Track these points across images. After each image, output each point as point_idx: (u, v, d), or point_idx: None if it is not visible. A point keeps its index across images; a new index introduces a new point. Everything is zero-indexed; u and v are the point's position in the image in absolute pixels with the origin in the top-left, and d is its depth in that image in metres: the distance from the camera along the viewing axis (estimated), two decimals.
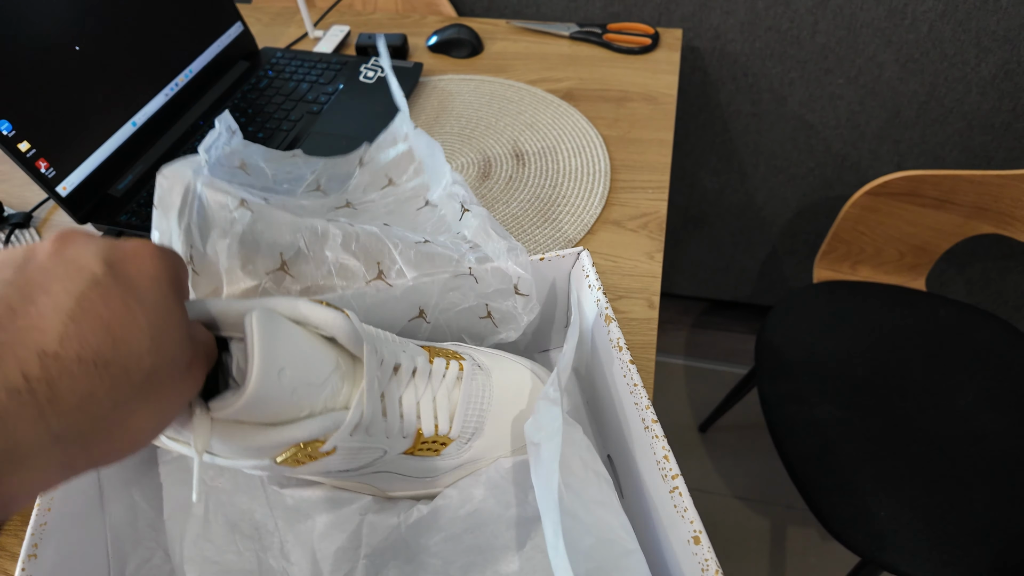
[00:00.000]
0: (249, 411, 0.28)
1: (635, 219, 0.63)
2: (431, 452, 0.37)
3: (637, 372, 0.37)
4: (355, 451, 0.33)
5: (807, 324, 0.90)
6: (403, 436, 0.36)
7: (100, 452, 0.21)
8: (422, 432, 0.37)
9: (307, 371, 0.30)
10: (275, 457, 0.30)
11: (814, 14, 0.90)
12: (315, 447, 0.31)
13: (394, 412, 0.35)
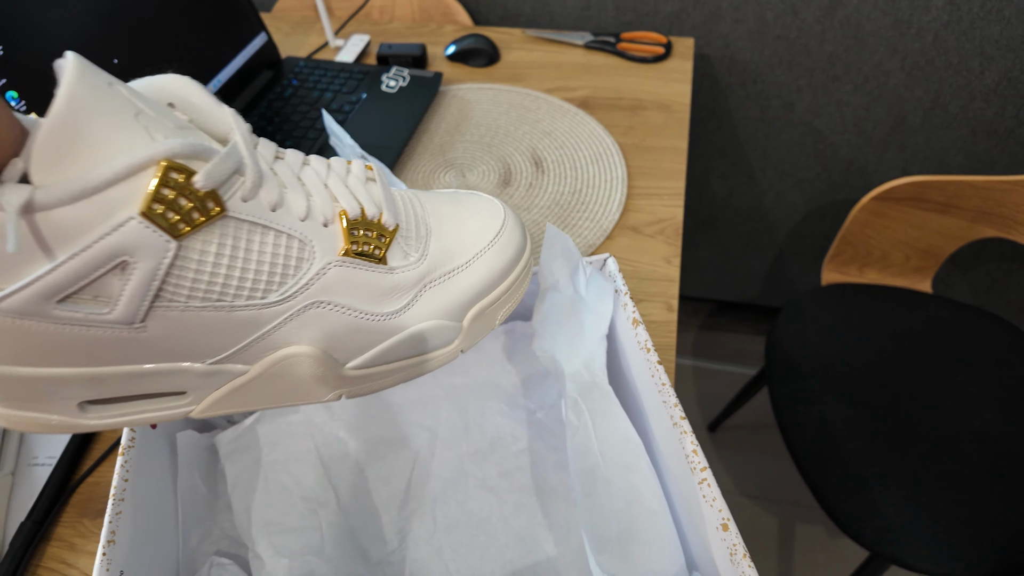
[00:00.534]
0: (68, 132, 0.20)
1: (652, 225, 0.66)
2: (376, 256, 0.29)
3: (665, 372, 0.39)
4: (259, 232, 0.25)
5: (816, 325, 0.93)
6: (322, 221, 0.27)
7: None
8: (347, 213, 0.28)
9: (153, 105, 0.24)
10: (137, 209, 0.21)
11: (822, 24, 0.92)
12: (188, 181, 0.22)
13: (294, 185, 0.27)
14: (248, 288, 0.25)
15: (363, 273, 0.29)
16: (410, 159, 0.75)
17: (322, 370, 0.29)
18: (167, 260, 0.23)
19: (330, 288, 0.28)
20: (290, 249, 0.26)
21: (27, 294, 0.21)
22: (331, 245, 0.28)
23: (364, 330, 0.29)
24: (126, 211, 0.21)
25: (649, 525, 0.40)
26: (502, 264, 0.33)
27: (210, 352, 0.26)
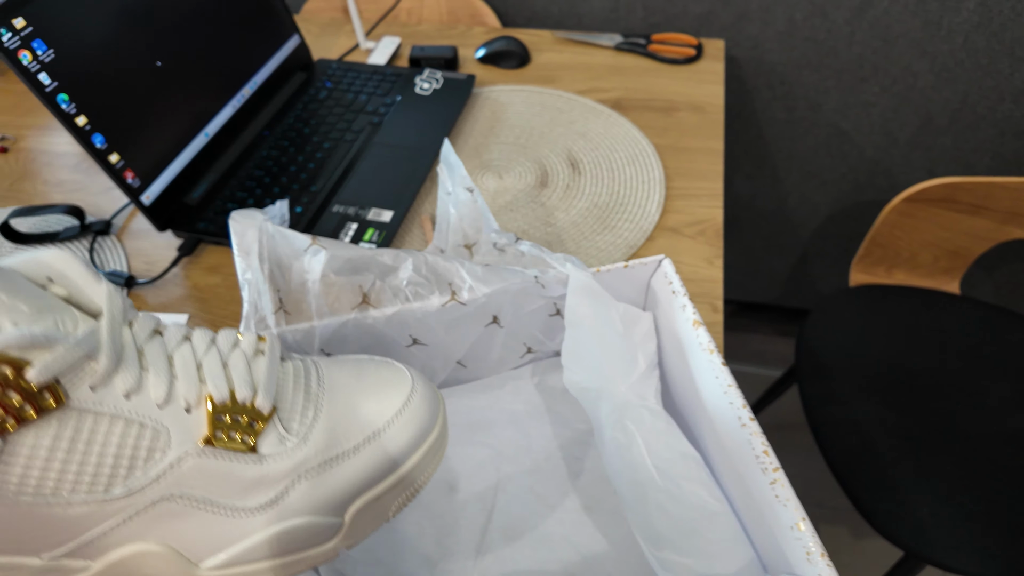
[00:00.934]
0: None
1: (692, 226, 0.66)
2: (242, 444, 0.26)
3: (730, 373, 0.40)
4: (105, 422, 0.23)
5: (846, 326, 0.93)
6: (184, 406, 0.25)
7: None
8: (212, 397, 0.26)
9: (14, 288, 0.23)
10: None
11: (851, 25, 0.92)
12: (21, 374, 0.21)
13: (160, 367, 0.26)
14: (87, 482, 0.23)
15: (225, 464, 0.26)
16: None
17: (172, 570, 0.26)
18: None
19: (185, 481, 0.25)
20: (141, 439, 0.24)
21: None
22: (191, 433, 0.25)
23: (222, 527, 0.26)
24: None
25: (712, 526, 0.40)
26: (398, 448, 0.29)
27: (46, 546, 0.24)
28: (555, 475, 0.48)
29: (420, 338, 0.47)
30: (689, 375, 0.44)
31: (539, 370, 0.53)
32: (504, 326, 0.48)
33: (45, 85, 0.56)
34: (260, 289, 0.43)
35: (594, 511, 0.46)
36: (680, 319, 0.44)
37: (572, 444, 0.49)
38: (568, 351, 0.43)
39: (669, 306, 0.45)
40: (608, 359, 0.44)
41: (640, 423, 0.43)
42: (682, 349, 0.44)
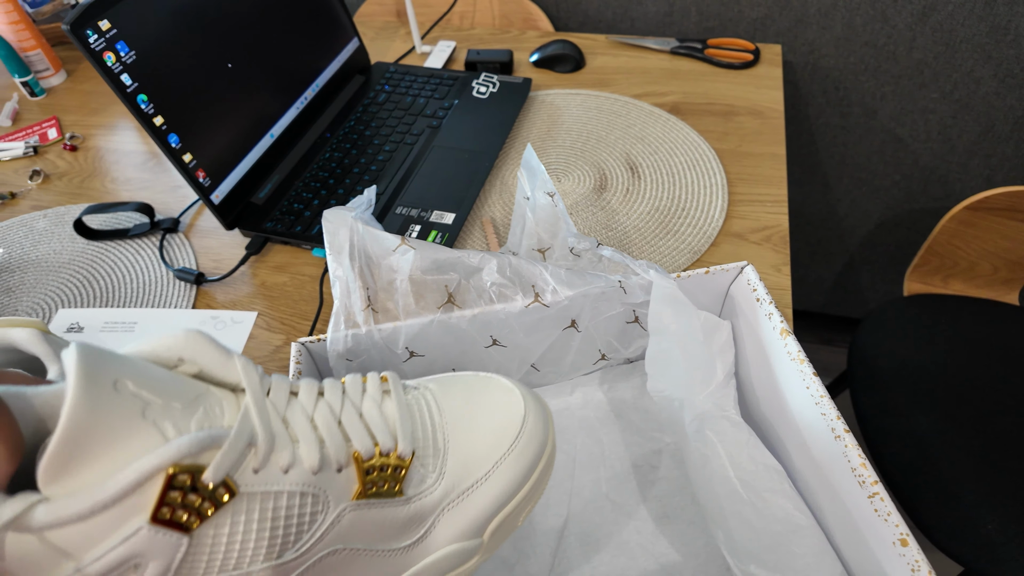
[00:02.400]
0: (76, 445, 0.21)
1: (757, 232, 0.65)
2: (391, 491, 0.28)
3: (821, 384, 0.39)
4: (271, 499, 0.25)
5: (901, 336, 0.91)
6: (336, 467, 0.27)
7: None
8: (360, 456, 0.28)
9: (161, 386, 0.24)
10: (146, 517, 0.22)
11: (912, 30, 0.91)
12: (197, 478, 0.23)
13: (307, 435, 0.27)
14: (263, 553, 0.25)
15: (378, 511, 0.28)
16: (504, 164, 0.76)
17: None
18: (179, 555, 0.23)
19: (345, 534, 0.27)
20: (303, 507, 0.26)
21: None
22: (345, 490, 0.27)
23: (382, 568, 0.29)
24: (135, 521, 0.22)
25: (798, 540, 0.40)
26: (522, 469, 0.31)
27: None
28: (630, 483, 0.48)
29: (500, 339, 0.47)
30: (774, 385, 0.44)
31: (608, 377, 0.53)
32: (581, 330, 0.48)
33: (127, 86, 0.58)
34: (350, 287, 0.44)
35: (672, 520, 0.46)
36: (765, 327, 0.43)
37: (646, 453, 0.49)
38: (652, 358, 0.43)
39: (752, 314, 0.45)
40: (689, 368, 0.44)
41: (721, 434, 0.43)
42: (766, 358, 0.44)
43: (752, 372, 0.47)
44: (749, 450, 0.43)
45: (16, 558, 0.21)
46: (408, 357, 0.47)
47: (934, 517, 0.76)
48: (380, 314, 0.45)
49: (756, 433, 0.46)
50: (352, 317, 0.43)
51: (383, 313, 0.45)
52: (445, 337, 0.46)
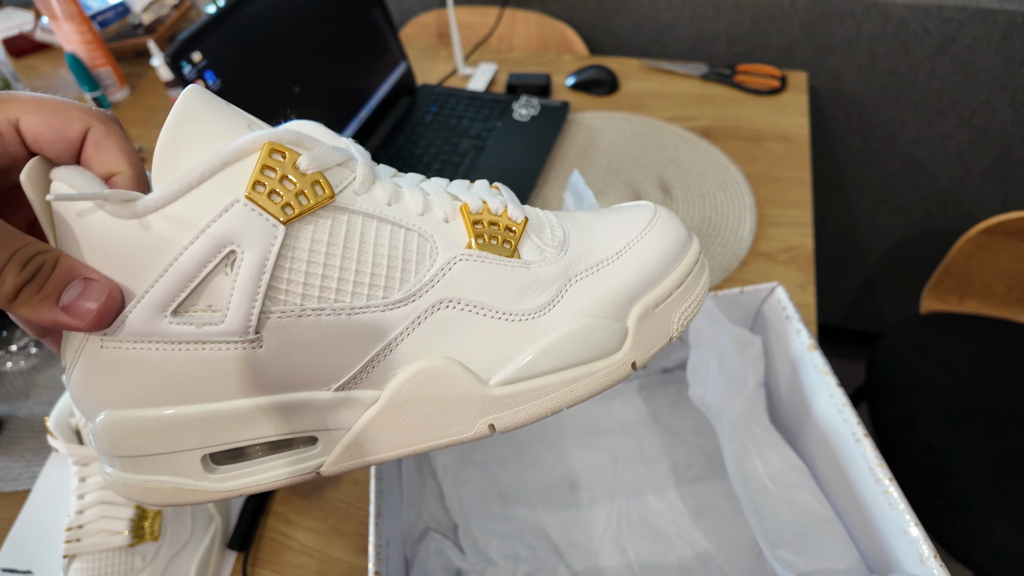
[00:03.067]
0: (186, 139, 0.21)
1: (784, 252, 0.70)
2: (503, 250, 0.26)
3: (844, 393, 0.44)
4: (374, 225, 0.24)
5: (918, 352, 0.96)
6: (443, 217, 0.25)
7: None
8: (468, 208, 0.26)
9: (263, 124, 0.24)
10: (242, 192, 0.21)
11: (932, 61, 0.95)
12: (293, 163, 0.22)
13: (411, 185, 0.26)
14: (367, 284, 0.23)
15: (494, 267, 0.25)
16: (544, 184, 0.81)
17: (462, 387, 0.25)
18: (275, 247, 0.22)
19: (459, 283, 0.25)
20: (409, 243, 0.24)
21: (141, 309, 0.22)
22: (454, 240, 0.25)
23: (504, 333, 0.25)
24: (231, 196, 0.21)
25: (822, 529, 0.45)
26: (661, 253, 0.27)
27: (334, 372, 0.24)
28: (668, 480, 0.53)
29: None
30: (800, 394, 0.49)
31: (647, 384, 0.59)
32: None
33: None
34: None
35: (706, 514, 0.51)
36: (795, 343, 0.48)
37: (682, 454, 0.54)
38: (692, 368, 0.48)
39: (782, 330, 0.50)
40: (724, 377, 0.49)
41: (754, 437, 0.48)
42: (794, 370, 0.49)
43: (780, 382, 0.52)
44: (777, 451, 0.48)
45: (116, 252, 0.21)
46: None
47: (947, 524, 0.80)
48: None
49: (783, 436, 0.51)
50: None
51: None
52: None
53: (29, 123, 0.21)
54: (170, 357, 0.22)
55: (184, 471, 0.24)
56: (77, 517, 0.47)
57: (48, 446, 0.60)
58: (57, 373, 0.67)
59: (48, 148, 0.22)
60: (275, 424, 0.24)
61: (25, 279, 0.20)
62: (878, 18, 0.94)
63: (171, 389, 0.23)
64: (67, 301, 0.20)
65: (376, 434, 0.25)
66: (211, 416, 0.23)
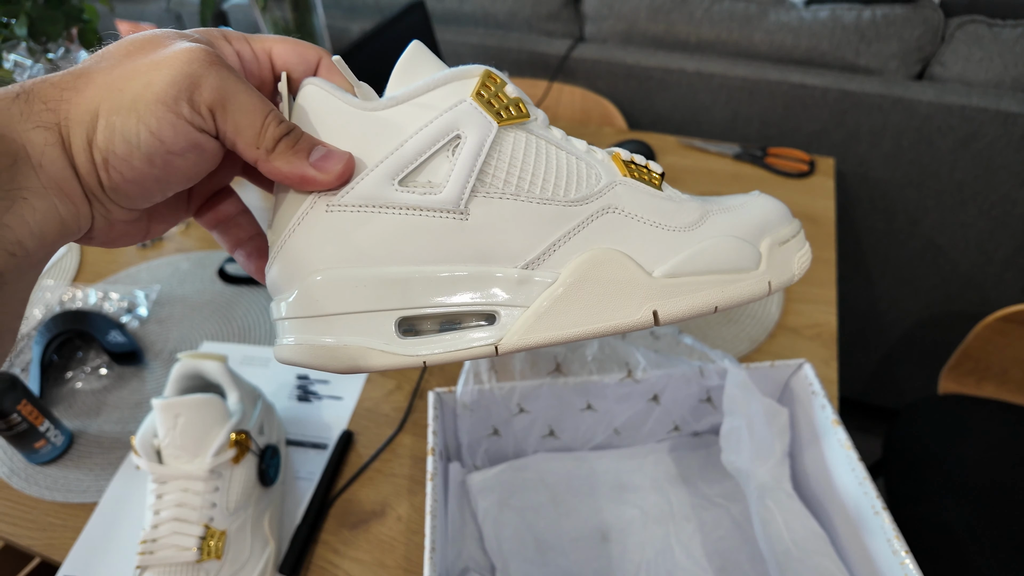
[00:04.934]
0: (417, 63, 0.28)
1: (810, 328, 0.75)
2: (652, 184, 0.31)
3: (865, 468, 0.48)
4: (555, 150, 0.29)
5: (934, 432, 0.98)
6: (600, 158, 0.31)
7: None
8: (620, 155, 0.31)
9: None
10: (470, 93, 0.27)
11: (955, 154, 1.01)
12: (502, 88, 0.29)
13: (568, 140, 0.31)
14: (552, 184, 0.28)
15: (647, 194, 0.30)
16: None
17: (629, 273, 0.29)
18: (490, 139, 0.27)
19: (620, 199, 0.29)
20: (580, 167, 0.29)
21: (378, 174, 0.27)
22: (613, 171, 0.30)
23: (662, 238, 0.30)
24: (461, 96, 0.27)
25: None
26: (776, 207, 0.33)
27: (521, 250, 0.28)
28: (695, 539, 0.56)
29: (594, 404, 0.57)
30: (823, 465, 0.52)
31: (678, 446, 0.62)
32: (662, 404, 0.57)
33: None
34: None
35: (730, 573, 0.54)
36: (820, 417, 0.52)
37: (709, 515, 0.57)
38: (725, 435, 0.52)
39: (808, 404, 0.54)
40: (753, 445, 0.53)
41: (779, 503, 0.52)
42: (818, 442, 0.53)
43: (805, 453, 0.56)
44: (801, 519, 0.52)
45: (355, 133, 0.27)
46: (517, 412, 0.57)
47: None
48: (501, 373, 0.55)
49: (805, 504, 0.55)
50: (480, 375, 0.54)
51: (504, 373, 0.56)
52: (550, 399, 0.56)
53: (280, 52, 0.28)
54: (391, 220, 0.27)
55: (377, 332, 0.27)
56: (152, 531, 0.51)
57: (115, 462, 0.65)
58: (125, 395, 0.72)
59: (292, 71, 0.28)
60: (468, 292, 0.28)
61: (283, 132, 0.25)
62: (904, 112, 1.00)
63: (385, 249, 0.27)
64: (315, 159, 0.25)
65: (552, 312, 0.28)
66: (415, 278, 0.27)
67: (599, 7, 1.15)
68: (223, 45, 0.26)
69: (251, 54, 0.27)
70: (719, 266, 0.30)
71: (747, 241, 0.30)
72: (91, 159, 0.22)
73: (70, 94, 0.22)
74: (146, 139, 0.22)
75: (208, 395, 0.54)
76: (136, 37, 0.24)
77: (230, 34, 0.27)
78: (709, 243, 0.30)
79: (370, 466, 0.63)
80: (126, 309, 0.82)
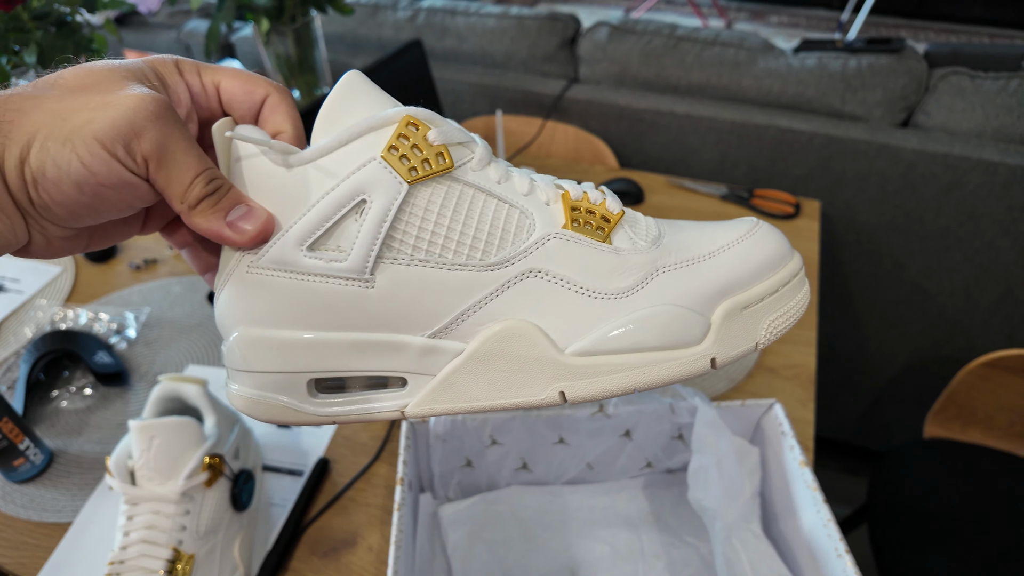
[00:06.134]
0: (342, 108, 0.26)
1: (788, 368, 0.75)
2: (596, 235, 0.28)
3: (829, 509, 0.48)
4: (482, 198, 0.27)
5: (918, 477, 0.98)
6: (544, 200, 0.28)
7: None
8: (569, 195, 0.28)
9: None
10: (379, 152, 0.26)
11: (939, 201, 1.03)
12: (424, 135, 0.26)
13: (523, 172, 0.29)
14: (468, 246, 0.27)
15: (585, 248, 0.27)
16: None
17: (539, 351, 0.27)
18: (398, 201, 0.26)
19: (550, 257, 0.27)
20: (511, 218, 0.27)
21: (285, 240, 0.26)
22: (552, 220, 0.28)
23: (585, 308, 0.27)
24: (370, 154, 0.26)
25: None
26: (758, 257, 0.28)
27: (429, 319, 0.27)
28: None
29: (566, 438, 0.57)
30: (791, 506, 0.52)
31: (652, 483, 0.63)
32: (634, 440, 0.58)
33: None
34: None
35: None
36: (788, 457, 0.53)
37: (679, 553, 0.57)
38: (693, 472, 0.53)
39: (778, 444, 0.54)
40: (723, 484, 0.53)
41: (746, 543, 0.52)
42: (786, 483, 0.53)
43: (775, 493, 0.56)
44: (767, 559, 0.52)
45: (272, 192, 0.26)
46: (490, 444, 0.57)
47: None
48: None
49: (773, 544, 0.55)
50: None
51: None
52: (522, 432, 0.56)
53: (227, 87, 0.28)
54: (299, 286, 0.27)
55: (292, 392, 0.28)
56: (120, 552, 0.52)
57: (92, 482, 0.65)
58: (108, 415, 0.73)
59: (237, 106, 0.28)
60: (375, 360, 0.28)
61: (208, 192, 0.25)
62: (888, 159, 1.02)
63: (295, 314, 0.27)
64: (232, 218, 0.26)
65: (458, 383, 0.28)
66: (322, 343, 0.27)
67: (593, 50, 1.18)
68: (175, 80, 0.27)
69: (200, 87, 0.28)
70: (646, 343, 0.27)
71: (693, 311, 0.27)
72: (22, 176, 0.23)
73: (14, 115, 0.23)
74: (76, 168, 0.22)
75: (184, 418, 0.55)
76: (92, 68, 0.25)
77: (184, 65, 0.27)
78: (639, 316, 0.27)
79: (344, 495, 0.64)
80: (115, 330, 0.83)
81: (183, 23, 1.43)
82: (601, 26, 1.19)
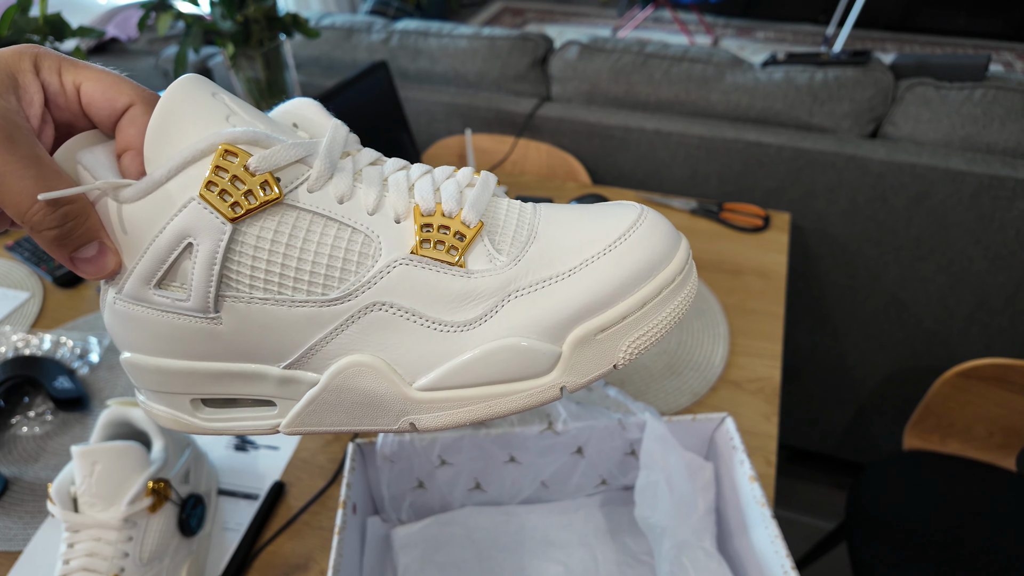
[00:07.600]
0: (167, 133, 0.24)
1: (753, 382, 0.74)
2: (448, 256, 0.26)
3: (777, 525, 0.47)
4: (321, 224, 0.25)
5: (899, 490, 0.96)
6: (394, 217, 0.26)
7: None
8: (419, 208, 0.26)
9: (255, 113, 0.26)
10: (197, 191, 0.24)
11: (909, 211, 1.03)
12: (242, 168, 0.24)
13: (372, 180, 0.27)
14: (307, 281, 0.25)
15: (431, 274, 0.26)
16: None
17: (386, 386, 0.26)
18: (223, 242, 0.24)
19: (394, 289, 0.26)
20: (353, 243, 0.26)
21: (133, 279, 0.26)
22: (401, 242, 0.26)
23: (431, 342, 0.26)
24: (188, 194, 0.24)
25: None
26: (623, 275, 0.26)
27: (281, 353, 0.27)
28: None
29: (517, 457, 0.56)
30: (742, 522, 0.52)
31: (609, 500, 0.62)
32: (586, 457, 0.57)
33: None
34: None
35: None
36: (739, 472, 0.52)
37: (635, 572, 0.56)
38: (640, 489, 0.52)
39: (729, 459, 0.54)
40: (674, 500, 0.52)
41: (695, 561, 0.51)
42: (738, 498, 0.52)
43: (729, 509, 0.55)
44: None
45: (116, 229, 0.25)
46: (439, 464, 0.56)
47: None
48: None
49: (728, 562, 0.54)
50: None
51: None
52: (472, 451, 0.56)
53: (88, 90, 0.26)
54: (157, 319, 0.26)
55: (179, 407, 0.29)
56: None
57: (45, 510, 0.64)
58: (67, 440, 0.72)
59: (96, 112, 0.26)
60: (240, 386, 0.28)
61: (46, 226, 0.23)
62: (857, 170, 1.03)
63: (159, 344, 0.27)
64: (76, 256, 0.25)
65: (318, 410, 0.28)
66: (189, 371, 0.28)
67: (564, 69, 1.19)
68: (28, 80, 0.25)
69: (59, 87, 0.26)
70: (490, 378, 0.26)
71: (541, 341, 0.26)
72: None
73: None
74: None
75: (128, 443, 0.54)
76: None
77: (44, 61, 0.25)
78: (484, 351, 0.26)
79: (299, 518, 0.63)
80: (79, 355, 0.82)
81: (162, 49, 1.44)
82: (571, 45, 1.20)
